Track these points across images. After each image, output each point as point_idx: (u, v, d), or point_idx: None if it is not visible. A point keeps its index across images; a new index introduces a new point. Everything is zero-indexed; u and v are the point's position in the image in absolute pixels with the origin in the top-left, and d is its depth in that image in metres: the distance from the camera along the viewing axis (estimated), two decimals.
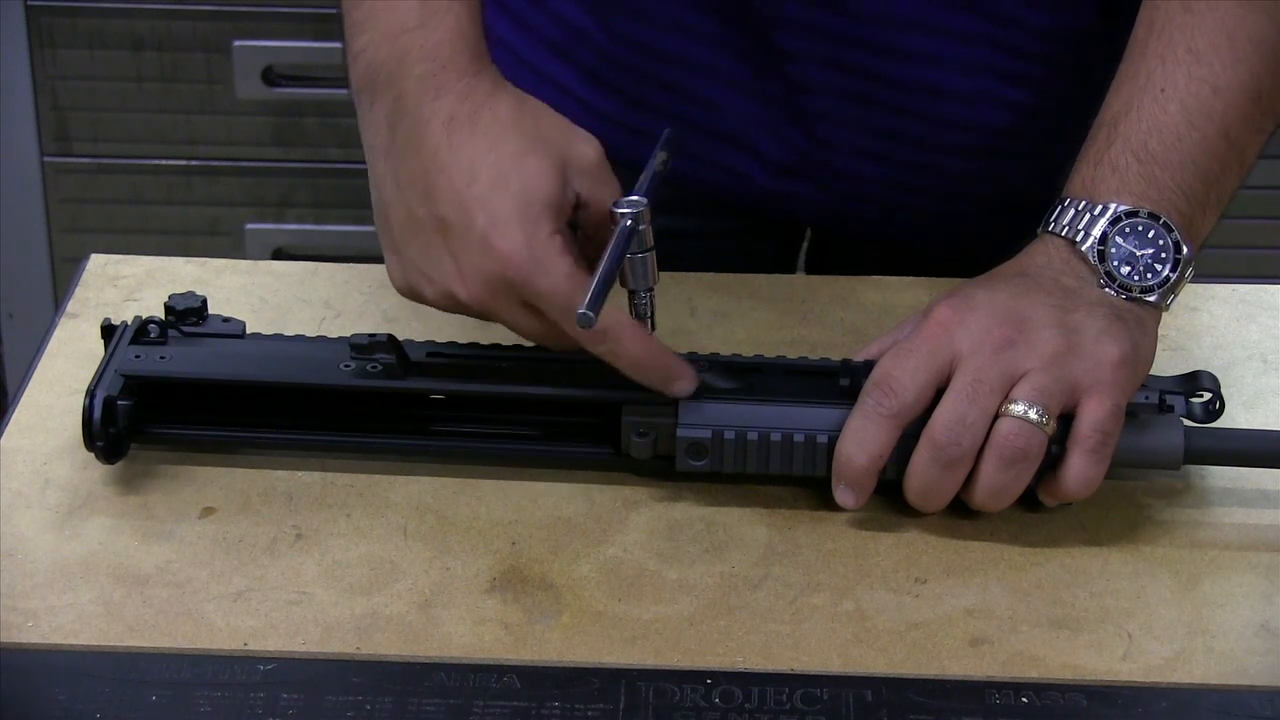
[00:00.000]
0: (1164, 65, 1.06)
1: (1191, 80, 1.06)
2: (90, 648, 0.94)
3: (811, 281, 1.22)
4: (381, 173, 1.04)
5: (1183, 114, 1.05)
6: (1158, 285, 1.04)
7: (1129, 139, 1.05)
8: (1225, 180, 1.07)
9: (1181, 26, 1.07)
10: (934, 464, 1.00)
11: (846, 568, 1.00)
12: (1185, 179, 1.05)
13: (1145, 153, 1.05)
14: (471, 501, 1.04)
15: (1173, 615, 0.98)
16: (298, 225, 2.33)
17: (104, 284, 1.19)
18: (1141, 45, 1.08)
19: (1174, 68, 1.06)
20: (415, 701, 0.92)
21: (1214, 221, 1.08)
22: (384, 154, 1.04)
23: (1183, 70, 1.06)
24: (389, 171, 1.03)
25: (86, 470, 1.04)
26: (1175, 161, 1.05)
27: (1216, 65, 1.06)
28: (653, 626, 0.96)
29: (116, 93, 2.27)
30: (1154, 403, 1.03)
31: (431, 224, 1.01)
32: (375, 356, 1.04)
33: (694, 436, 1.02)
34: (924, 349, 1.01)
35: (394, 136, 1.03)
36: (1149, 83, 1.06)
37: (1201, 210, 1.06)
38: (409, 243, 1.03)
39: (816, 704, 0.92)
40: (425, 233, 1.02)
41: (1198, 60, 1.06)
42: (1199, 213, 1.06)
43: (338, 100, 2.28)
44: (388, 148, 1.04)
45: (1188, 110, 1.05)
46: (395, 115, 1.03)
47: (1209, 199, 1.06)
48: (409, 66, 1.03)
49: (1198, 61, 1.06)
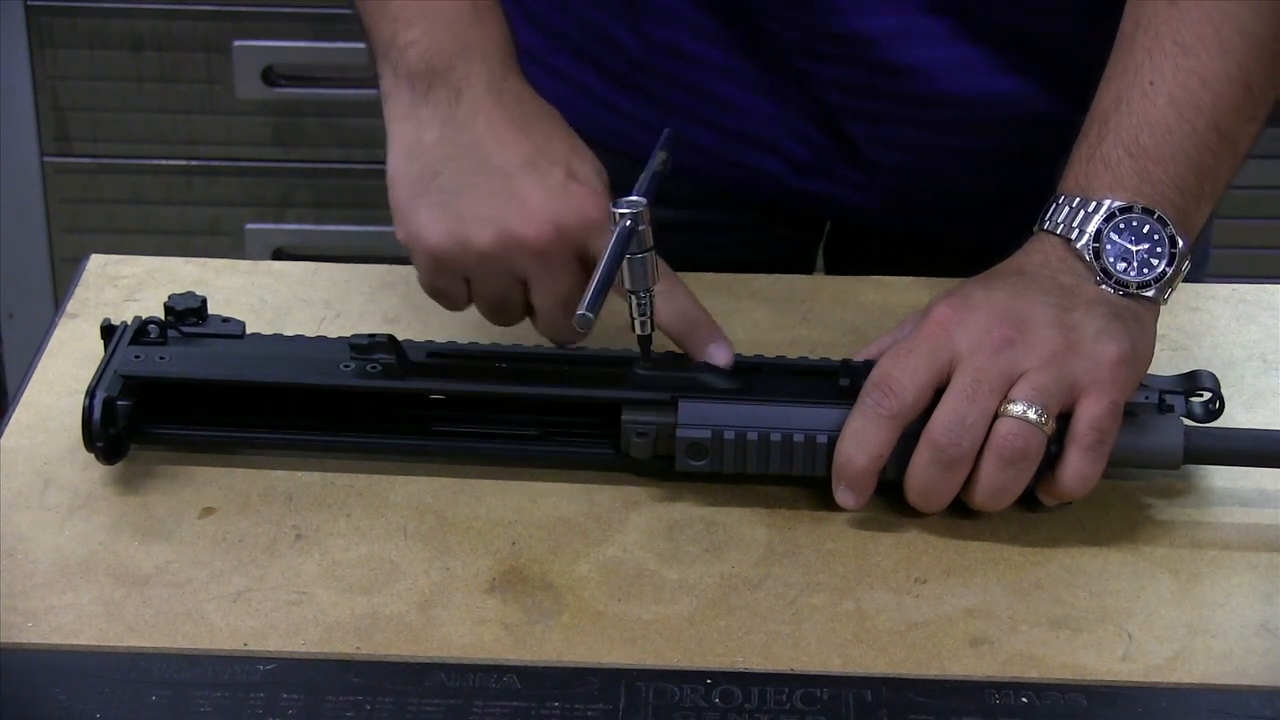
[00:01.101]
0: (1151, 59, 1.06)
1: (1179, 72, 1.06)
2: (90, 648, 0.94)
3: (812, 281, 1.22)
4: (432, 139, 1.07)
5: (1172, 107, 1.05)
6: (1155, 280, 1.04)
7: (1120, 134, 1.06)
8: (1218, 171, 1.07)
9: (1168, 20, 1.07)
10: (934, 464, 1.00)
11: (846, 568, 1.00)
12: (1178, 172, 1.05)
13: (1137, 147, 1.05)
14: (471, 501, 1.04)
15: (1173, 615, 0.98)
16: (298, 225, 2.33)
17: (104, 284, 1.19)
18: (1129, 39, 1.08)
19: (1161, 60, 1.06)
20: (415, 701, 0.92)
21: (1208, 212, 1.08)
22: (440, 124, 1.07)
23: (1170, 63, 1.06)
24: (444, 137, 1.06)
25: (86, 470, 1.04)
26: (1167, 155, 1.05)
27: (1204, 57, 1.06)
28: (653, 626, 0.96)
29: (116, 93, 2.27)
30: (1154, 402, 1.03)
31: (503, 172, 1.05)
32: (375, 356, 1.04)
33: (694, 436, 1.02)
34: (923, 349, 1.01)
35: (456, 110, 1.07)
36: (1137, 77, 1.06)
37: (1195, 202, 1.06)
38: (465, 192, 1.05)
39: (816, 704, 0.92)
40: (492, 179, 1.05)
41: (1184, 52, 1.06)
42: (1193, 205, 1.06)
43: (338, 100, 2.28)
44: (447, 118, 1.07)
45: (1176, 103, 1.05)
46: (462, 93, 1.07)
47: (1202, 191, 1.06)
48: (473, 53, 1.07)
49: (1184, 54, 1.06)
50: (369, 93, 2.28)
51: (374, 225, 2.29)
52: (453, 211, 1.05)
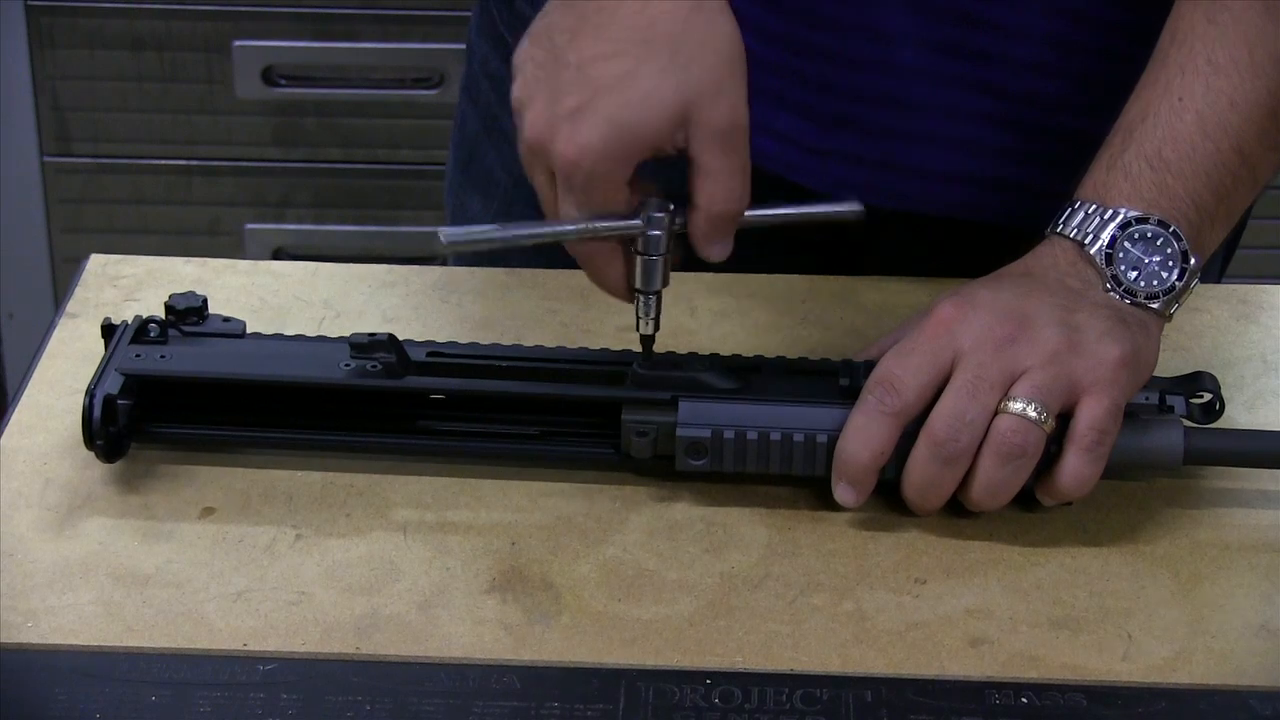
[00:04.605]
0: (1183, 75, 1.06)
1: (1209, 92, 1.06)
2: (90, 648, 0.94)
3: (812, 281, 1.22)
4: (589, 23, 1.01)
5: (1198, 125, 1.05)
6: (1163, 292, 1.04)
7: (1143, 145, 1.06)
8: (1236, 195, 1.07)
9: (1203, 38, 1.07)
10: (933, 460, 1.00)
11: (846, 568, 1.00)
12: (1197, 189, 1.05)
13: (1159, 160, 1.05)
14: (471, 501, 1.04)
15: (1173, 615, 0.98)
16: (298, 225, 2.33)
17: (104, 284, 1.19)
18: (1164, 54, 1.08)
19: (1193, 78, 1.06)
20: (415, 701, 0.92)
21: (1222, 236, 1.08)
22: (593, 12, 1.01)
23: (1201, 81, 1.06)
24: (546, 25, 1.02)
25: (86, 470, 1.04)
26: (1188, 171, 1.05)
27: (1235, 79, 1.06)
28: (652, 626, 0.96)
29: (116, 93, 2.27)
30: (1154, 403, 1.03)
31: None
32: (375, 356, 1.04)
33: (694, 436, 1.02)
34: (926, 347, 1.01)
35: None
36: (1167, 91, 1.06)
37: (1210, 222, 1.06)
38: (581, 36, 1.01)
39: (816, 704, 0.92)
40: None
41: (1217, 72, 1.06)
42: (1208, 224, 1.06)
43: (338, 100, 2.28)
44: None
45: (1204, 121, 1.05)
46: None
47: (1218, 212, 1.06)
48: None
49: (1217, 74, 1.06)
50: (369, 93, 2.29)
51: (374, 225, 2.29)
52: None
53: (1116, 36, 1.17)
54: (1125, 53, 1.15)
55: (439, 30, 2.25)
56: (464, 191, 1.36)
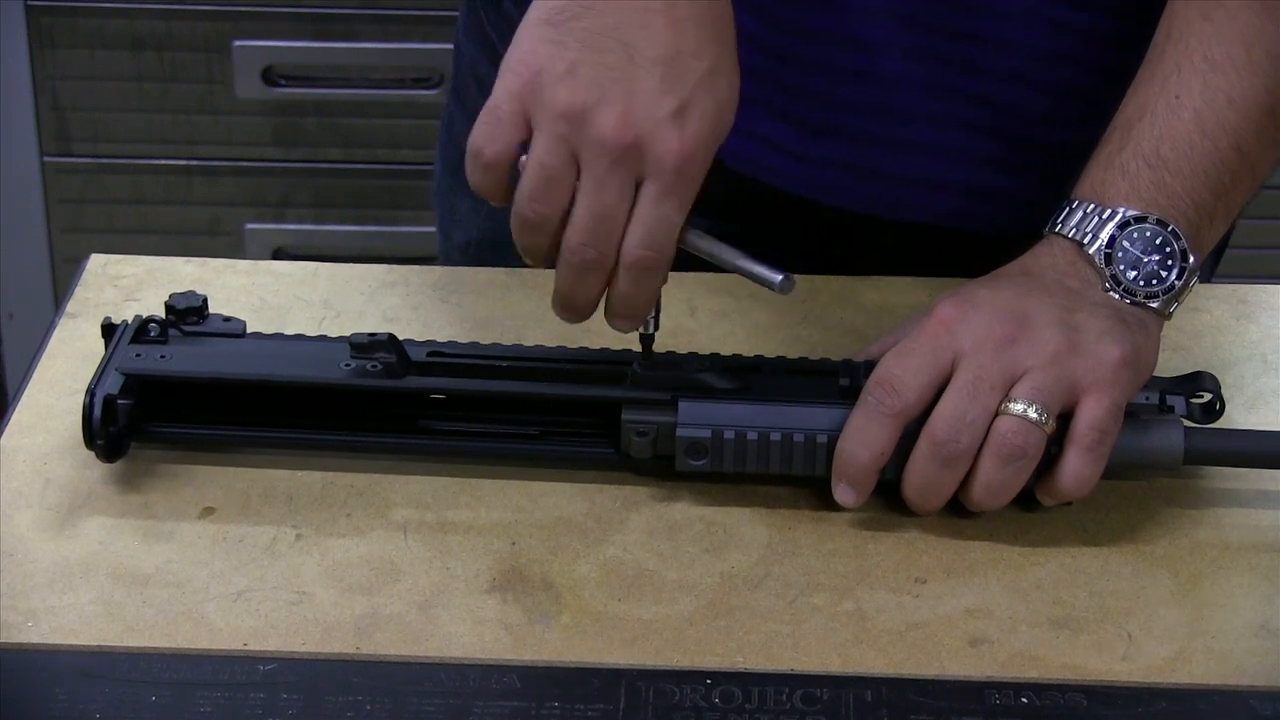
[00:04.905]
0: (1180, 73, 1.06)
1: (1207, 89, 1.05)
2: (90, 648, 0.94)
3: (812, 281, 1.22)
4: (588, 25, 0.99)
5: (1196, 123, 1.05)
6: (1162, 291, 1.04)
7: (1140, 144, 1.05)
8: (1234, 193, 1.07)
9: (1199, 35, 1.06)
10: (933, 461, 1.00)
11: (846, 568, 1.00)
12: (1195, 188, 1.05)
13: (1157, 158, 1.05)
14: (471, 501, 1.04)
15: (1173, 615, 0.98)
16: (298, 225, 2.33)
17: (104, 284, 1.19)
18: (1160, 50, 1.08)
19: (1190, 76, 1.06)
20: (415, 701, 0.92)
21: (1221, 233, 1.08)
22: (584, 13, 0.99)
23: (1199, 79, 1.06)
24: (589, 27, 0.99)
25: (86, 470, 1.04)
26: (1186, 170, 1.05)
27: (1233, 76, 1.06)
28: (652, 626, 0.96)
29: (116, 93, 2.27)
30: (1154, 403, 1.03)
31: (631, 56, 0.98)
32: (375, 356, 1.04)
33: (694, 436, 1.02)
34: (926, 347, 1.01)
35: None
36: (1164, 89, 1.06)
37: (1209, 221, 1.06)
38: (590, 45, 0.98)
39: (816, 704, 0.92)
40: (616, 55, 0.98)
41: (1214, 70, 1.06)
42: (1206, 223, 1.06)
43: (338, 100, 2.28)
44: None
45: (1201, 119, 1.05)
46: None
47: (1217, 210, 1.06)
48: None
49: (1214, 71, 1.06)
50: (369, 93, 2.29)
51: (374, 225, 2.29)
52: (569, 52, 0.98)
53: (1103, 48, 1.17)
54: (1112, 63, 1.15)
55: (439, 30, 2.25)
56: (454, 194, 1.36)
